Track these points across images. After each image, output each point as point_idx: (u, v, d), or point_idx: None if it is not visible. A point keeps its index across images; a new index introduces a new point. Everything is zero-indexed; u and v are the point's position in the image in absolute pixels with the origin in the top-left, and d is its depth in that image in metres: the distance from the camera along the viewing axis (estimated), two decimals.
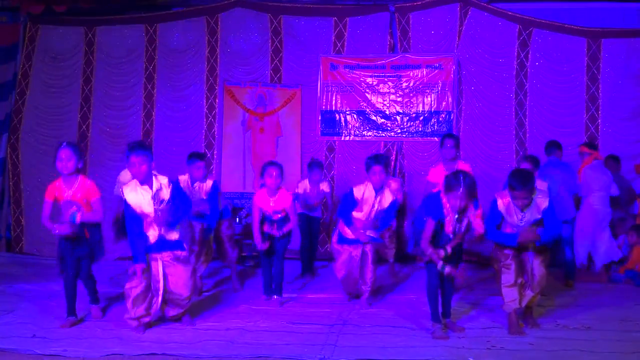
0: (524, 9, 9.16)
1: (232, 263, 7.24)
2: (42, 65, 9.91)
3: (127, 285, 5.29)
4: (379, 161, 6.07)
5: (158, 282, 5.31)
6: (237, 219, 8.93)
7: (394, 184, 7.71)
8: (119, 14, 9.94)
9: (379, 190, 6.08)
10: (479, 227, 5.22)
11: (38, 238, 9.62)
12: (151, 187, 5.24)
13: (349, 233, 6.16)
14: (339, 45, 9.45)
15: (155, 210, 5.22)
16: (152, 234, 5.28)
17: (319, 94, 9.43)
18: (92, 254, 5.57)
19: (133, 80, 9.78)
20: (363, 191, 6.08)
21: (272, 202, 6.28)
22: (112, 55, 9.83)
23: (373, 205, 6.08)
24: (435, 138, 9.08)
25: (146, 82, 9.75)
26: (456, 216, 5.10)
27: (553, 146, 7.54)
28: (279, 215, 6.28)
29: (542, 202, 5.19)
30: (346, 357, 4.58)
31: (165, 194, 5.26)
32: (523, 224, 5.21)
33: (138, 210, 5.23)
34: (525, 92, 9.04)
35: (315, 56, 9.43)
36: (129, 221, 5.27)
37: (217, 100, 9.64)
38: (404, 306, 6.18)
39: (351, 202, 6.10)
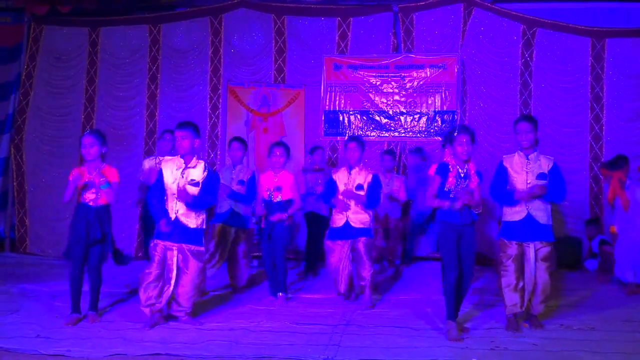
0: (528, 9, 9.16)
1: (240, 284, 7.05)
2: (46, 65, 9.94)
3: (144, 272, 5.45)
4: (354, 139, 6.50)
5: (171, 271, 5.41)
6: None
7: (397, 182, 7.83)
8: (122, 15, 9.98)
9: (353, 167, 6.37)
10: (475, 185, 5.27)
11: (42, 238, 9.66)
12: (187, 163, 5.45)
13: (337, 220, 6.33)
14: (342, 45, 9.45)
15: (179, 188, 5.39)
16: (174, 211, 5.40)
17: (322, 94, 9.43)
18: (103, 247, 5.56)
19: (136, 80, 9.80)
20: (338, 173, 6.50)
21: (275, 178, 6.49)
22: (116, 55, 9.86)
23: (347, 184, 6.35)
24: (439, 138, 9.08)
25: (150, 82, 9.77)
26: (459, 169, 5.22)
27: None
28: (279, 194, 6.42)
29: (547, 161, 5.35)
30: (350, 358, 4.57)
31: (197, 174, 5.44)
32: (529, 179, 5.25)
33: (166, 182, 5.44)
34: (529, 91, 9.03)
35: (319, 56, 9.44)
36: (155, 188, 5.49)
37: (220, 101, 9.65)
38: (407, 306, 6.17)
39: (332, 186, 6.42)
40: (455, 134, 5.24)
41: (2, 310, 5.87)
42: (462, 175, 5.24)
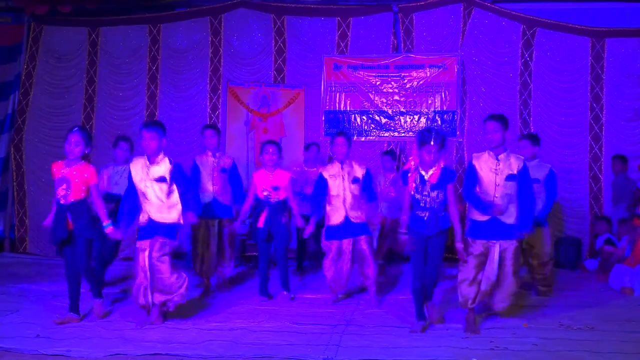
0: (528, 9, 9.15)
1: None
2: (46, 65, 9.93)
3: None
4: (342, 134, 6.31)
5: (145, 271, 5.39)
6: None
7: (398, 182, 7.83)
8: (122, 15, 9.96)
9: (343, 162, 6.23)
10: (435, 180, 5.21)
11: (42, 238, 9.63)
12: (155, 163, 5.42)
13: (334, 217, 6.22)
14: (342, 45, 9.45)
15: (150, 186, 5.37)
16: (147, 211, 5.39)
17: (322, 94, 9.43)
18: (77, 246, 5.45)
19: (136, 80, 9.80)
20: (329, 169, 6.32)
21: (270, 177, 6.47)
22: (116, 55, 9.86)
23: (343, 178, 6.21)
24: None
25: (149, 82, 9.77)
26: (423, 172, 5.21)
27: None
28: (277, 194, 6.40)
29: (517, 161, 5.27)
30: (350, 357, 4.57)
31: (163, 170, 5.40)
32: (498, 181, 5.20)
33: (137, 184, 5.42)
34: (529, 91, 9.03)
35: (319, 56, 9.44)
36: (127, 193, 5.50)
37: (220, 101, 9.65)
38: (406, 306, 6.15)
39: (322, 184, 6.27)
40: (432, 142, 5.12)
41: (2, 310, 5.88)
42: (425, 178, 5.23)
